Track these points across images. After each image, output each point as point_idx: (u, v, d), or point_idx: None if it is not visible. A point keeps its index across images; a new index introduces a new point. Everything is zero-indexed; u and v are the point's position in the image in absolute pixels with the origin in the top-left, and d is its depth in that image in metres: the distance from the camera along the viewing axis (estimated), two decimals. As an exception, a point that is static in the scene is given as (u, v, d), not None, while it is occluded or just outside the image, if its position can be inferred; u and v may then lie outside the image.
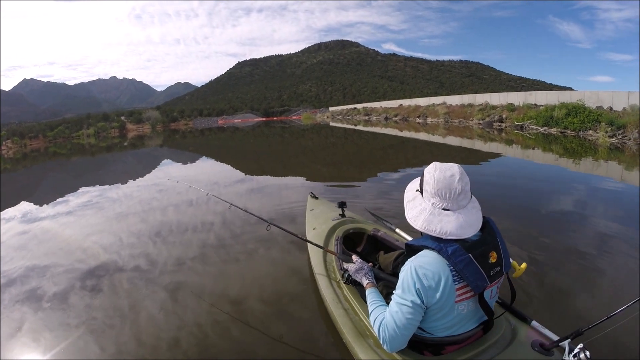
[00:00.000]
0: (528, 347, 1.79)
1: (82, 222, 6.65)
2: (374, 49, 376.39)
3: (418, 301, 1.59)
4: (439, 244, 1.62)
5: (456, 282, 1.59)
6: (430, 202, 1.69)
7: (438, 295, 1.57)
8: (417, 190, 1.79)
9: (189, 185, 5.23)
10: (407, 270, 1.63)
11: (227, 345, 2.77)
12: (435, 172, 1.70)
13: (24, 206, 8.83)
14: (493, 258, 1.64)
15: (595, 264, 3.77)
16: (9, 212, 8.15)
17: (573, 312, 2.91)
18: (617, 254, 4.01)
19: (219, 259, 4.42)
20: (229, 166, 14.19)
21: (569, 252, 4.04)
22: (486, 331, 1.86)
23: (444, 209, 1.66)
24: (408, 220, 1.74)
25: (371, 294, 2.00)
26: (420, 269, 1.59)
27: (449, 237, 1.61)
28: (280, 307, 3.23)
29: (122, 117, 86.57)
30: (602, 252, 4.04)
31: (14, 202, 9.27)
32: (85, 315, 3.31)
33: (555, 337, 1.82)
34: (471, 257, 1.59)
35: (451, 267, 1.58)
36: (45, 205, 8.63)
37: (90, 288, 3.85)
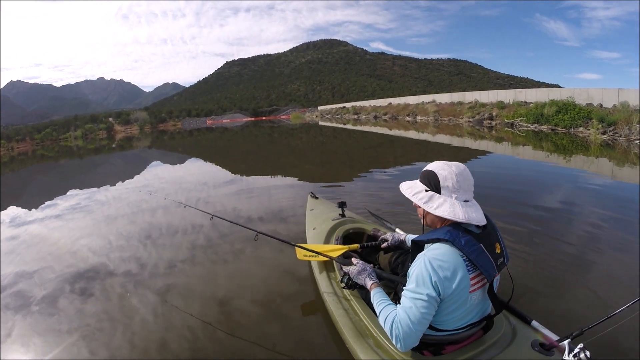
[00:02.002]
0: (528, 347, 1.80)
1: (70, 225, 6.56)
2: (362, 48, 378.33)
3: (434, 294, 1.60)
4: (452, 235, 1.65)
5: (470, 272, 1.63)
6: (454, 197, 1.73)
7: (454, 285, 1.60)
8: (427, 190, 1.80)
9: (164, 197, 5.19)
10: (421, 264, 1.64)
11: (224, 347, 2.73)
12: (451, 168, 1.76)
13: (12, 210, 8.69)
14: (497, 249, 1.72)
15: (595, 263, 3.79)
16: (-4, 217, 7.99)
17: (573, 312, 2.91)
18: (616, 252, 4.05)
19: (210, 261, 4.37)
20: (218, 167, 14.08)
21: (568, 251, 4.05)
22: (486, 331, 1.87)
23: (465, 201, 1.73)
24: (442, 215, 1.71)
25: (377, 294, 1.97)
26: (435, 261, 1.61)
27: (480, 224, 1.70)
28: (277, 307, 3.21)
29: (110, 119, 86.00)
30: (601, 250, 4.07)
31: (1, 207, 9.11)
32: (75, 320, 3.26)
33: (555, 337, 1.82)
34: (482, 247, 1.65)
35: (464, 257, 1.62)
36: (33, 209, 8.49)
37: (80, 292, 3.79)
